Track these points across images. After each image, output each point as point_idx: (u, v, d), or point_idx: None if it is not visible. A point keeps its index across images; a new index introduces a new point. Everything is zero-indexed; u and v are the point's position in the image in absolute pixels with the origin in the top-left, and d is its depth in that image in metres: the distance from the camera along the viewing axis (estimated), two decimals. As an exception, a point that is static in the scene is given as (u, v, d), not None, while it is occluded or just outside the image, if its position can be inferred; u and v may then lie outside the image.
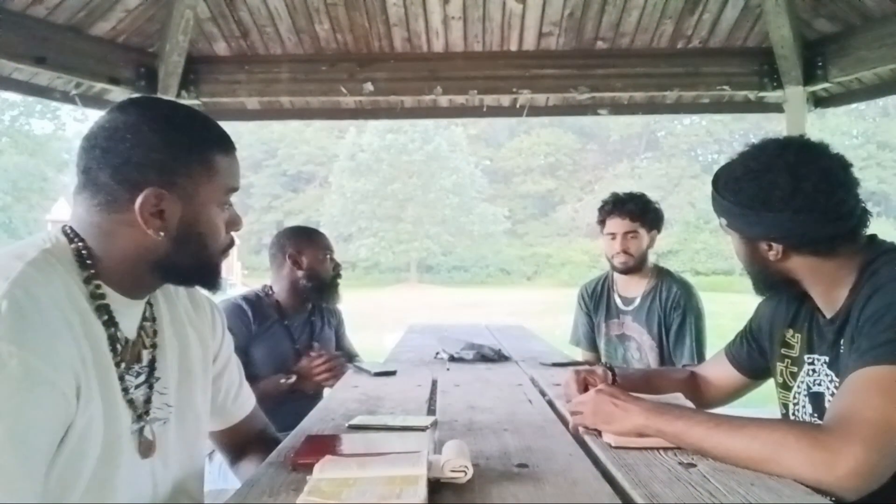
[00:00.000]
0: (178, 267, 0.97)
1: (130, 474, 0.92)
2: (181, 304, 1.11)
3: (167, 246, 0.93)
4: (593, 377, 1.42)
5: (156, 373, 0.99)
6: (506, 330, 3.34)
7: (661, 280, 2.52)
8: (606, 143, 40.33)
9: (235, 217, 1.03)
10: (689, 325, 2.41)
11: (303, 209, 36.55)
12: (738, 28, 3.65)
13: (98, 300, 0.91)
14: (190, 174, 0.93)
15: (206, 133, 0.97)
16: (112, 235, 0.92)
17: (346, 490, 0.85)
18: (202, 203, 0.95)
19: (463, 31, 3.71)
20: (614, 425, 1.13)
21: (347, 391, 1.70)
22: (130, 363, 0.95)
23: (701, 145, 38.89)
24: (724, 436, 1.00)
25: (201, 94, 3.78)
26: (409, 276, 33.83)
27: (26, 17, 3.12)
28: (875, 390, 0.96)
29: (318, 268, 2.25)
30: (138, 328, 0.99)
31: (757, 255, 1.23)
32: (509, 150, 39.68)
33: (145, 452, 0.95)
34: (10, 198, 31.25)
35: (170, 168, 0.91)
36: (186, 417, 1.06)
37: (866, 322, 1.06)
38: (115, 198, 0.91)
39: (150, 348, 1.00)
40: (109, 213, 0.91)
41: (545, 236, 36.45)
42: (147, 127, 0.91)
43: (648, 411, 1.10)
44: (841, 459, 0.90)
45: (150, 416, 0.97)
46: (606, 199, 2.56)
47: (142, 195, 0.89)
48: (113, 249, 0.92)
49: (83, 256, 0.91)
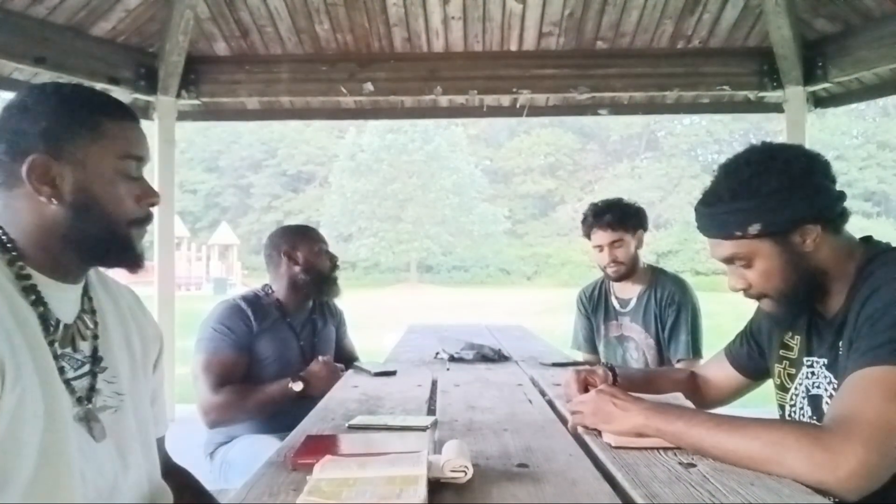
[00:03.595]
0: (86, 239, 0.97)
1: (88, 455, 0.93)
2: (124, 300, 1.12)
3: (66, 214, 0.94)
4: (594, 377, 1.42)
5: (102, 363, 1.00)
6: (506, 330, 3.34)
7: (656, 279, 2.55)
8: (606, 143, 40.35)
9: (148, 188, 1.02)
10: (683, 321, 2.42)
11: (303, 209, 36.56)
12: (738, 28, 3.66)
13: (24, 280, 0.92)
14: (75, 139, 0.94)
15: (93, 99, 0.99)
16: (16, 211, 0.94)
17: (346, 490, 0.85)
18: (94, 168, 0.96)
19: (463, 31, 3.72)
20: (614, 425, 1.13)
21: (347, 391, 1.70)
22: (64, 346, 0.96)
23: (701, 145, 38.90)
24: (724, 436, 1.00)
25: (201, 94, 3.79)
26: (409, 276, 33.84)
27: (26, 17, 3.13)
28: (875, 391, 0.96)
29: (315, 261, 2.25)
30: (76, 316, 0.99)
31: (793, 255, 1.17)
32: (509, 150, 39.69)
33: (98, 437, 0.96)
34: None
35: (55, 135, 0.93)
36: (140, 407, 1.07)
37: (865, 323, 1.06)
38: (10, 172, 0.93)
39: (91, 339, 1.00)
40: (10, 189, 0.94)
41: (545, 236, 36.47)
42: (33, 100, 0.95)
43: (648, 411, 1.10)
44: (842, 460, 0.90)
45: (97, 405, 0.97)
46: (586, 212, 2.59)
47: (27, 162, 0.91)
48: (21, 225, 0.94)
49: (3, 241, 0.93)
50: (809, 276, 1.18)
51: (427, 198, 34.23)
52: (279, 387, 2.05)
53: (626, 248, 2.50)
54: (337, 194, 34.99)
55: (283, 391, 2.04)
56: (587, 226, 2.56)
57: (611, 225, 2.49)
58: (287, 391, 2.04)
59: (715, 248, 1.24)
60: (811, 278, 1.19)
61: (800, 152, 1.23)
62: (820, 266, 1.18)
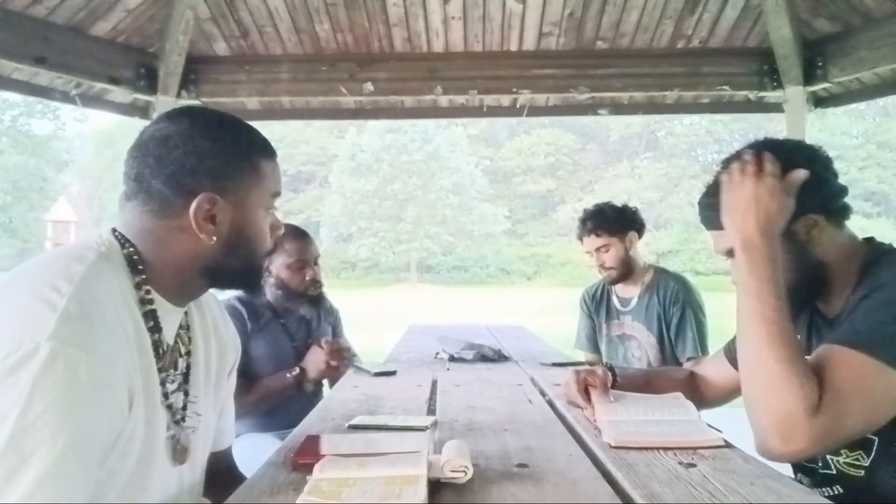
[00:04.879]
0: (227, 271, 0.98)
1: (162, 480, 0.93)
2: (210, 313, 1.11)
3: (218, 250, 0.95)
4: (593, 377, 1.42)
5: (189, 381, 1.00)
6: (506, 330, 3.35)
7: (657, 278, 2.56)
8: (606, 143, 40.33)
9: (277, 222, 1.05)
10: (689, 318, 2.44)
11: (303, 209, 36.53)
12: (738, 28, 3.65)
13: (147, 305, 0.91)
14: (240, 179, 0.95)
15: (252, 139, 0.99)
16: (164, 241, 0.93)
17: (346, 490, 0.85)
18: (251, 207, 0.97)
19: (463, 31, 3.71)
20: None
21: (347, 391, 1.70)
22: (168, 368, 0.96)
23: (701, 145, 38.88)
24: (766, 329, 1.03)
25: (201, 94, 3.78)
26: (409, 276, 33.82)
27: (26, 17, 3.12)
28: (841, 371, 0.99)
29: (284, 277, 2.15)
30: (175, 335, 0.99)
31: (795, 247, 1.17)
32: (509, 150, 39.67)
33: (179, 459, 0.96)
34: (10, 197, 31.27)
35: (221, 174, 0.93)
36: (210, 425, 1.07)
37: (860, 309, 1.07)
38: (168, 204, 0.92)
39: (185, 356, 1.01)
40: (163, 218, 0.92)
41: (545, 236, 36.46)
42: (199, 135, 0.93)
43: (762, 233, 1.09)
44: (808, 431, 0.95)
45: (185, 424, 0.97)
46: (579, 218, 2.62)
47: (196, 201, 0.91)
48: (165, 254, 0.93)
49: (135, 262, 0.91)
50: (811, 270, 1.18)
51: (427, 198, 34.22)
52: (276, 378, 2.07)
53: (613, 252, 2.51)
54: (337, 194, 34.98)
55: (281, 381, 2.06)
56: (578, 232, 2.62)
57: (594, 231, 2.51)
58: (285, 380, 2.06)
59: (717, 240, 1.24)
60: (813, 272, 1.19)
61: (802, 145, 1.25)
62: (822, 259, 1.18)
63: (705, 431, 1.18)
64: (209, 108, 1.03)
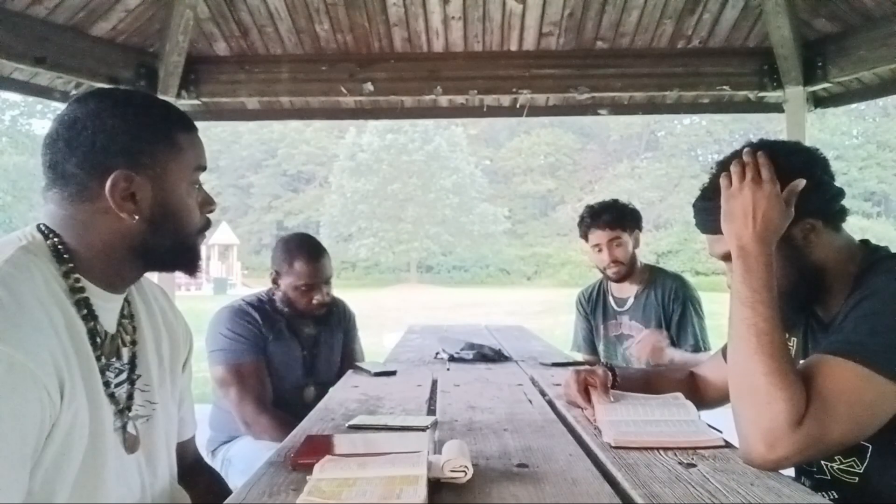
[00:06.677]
0: (156, 251, 0.97)
1: (119, 469, 0.92)
2: (157, 304, 1.11)
3: (143, 229, 0.93)
4: (593, 377, 1.42)
5: (137, 370, 0.99)
6: (506, 330, 3.35)
7: (654, 277, 2.57)
8: (606, 143, 40.35)
9: (208, 197, 1.03)
10: (690, 314, 2.46)
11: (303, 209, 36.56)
12: (738, 28, 3.65)
13: (78, 294, 0.90)
14: (156, 154, 0.94)
15: (165, 113, 0.98)
16: (87, 225, 0.92)
17: (346, 490, 0.85)
18: (172, 182, 0.96)
19: (463, 31, 3.71)
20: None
21: (347, 391, 1.70)
22: (110, 357, 0.95)
23: (701, 145, 38.90)
24: (755, 340, 1.03)
25: (201, 94, 3.78)
26: (409, 276, 33.84)
27: (26, 17, 3.12)
28: (829, 380, 0.98)
29: (292, 296, 2.16)
30: (117, 324, 0.99)
31: (792, 251, 1.16)
32: (509, 150, 39.70)
33: (131, 448, 0.95)
34: (10, 197, 31.27)
35: (135, 150, 0.92)
36: (167, 415, 1.06)
37: (852, 317, 1.06)
38: (84, 187, 0.91)
39: (129, 345, 1.00)
40: (82, 202, 0.91)
41: (545, 236, 36.49)
42: (107, 113, 0.92)
43: (759, 238, 1.09)
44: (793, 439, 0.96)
45: (132, 413, 0.96)
46: (583, 214, 2.61)
47: (110, 179, 0.90)
48: (90, 239, 0.92)
49: (60, 251, 0.91)
50: (808, 273, 1.18)
51: (427, 198, 34.24)
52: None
53: (624, 246, 2.52)
54: (337, 194, 35.01)
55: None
56: (584, 227, 2.59)
57: (608, 224, 2.51)
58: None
59: (713, 244, 1.24)
60: (810, 275, 1.18)
61: (798, 147, 1.24)
62: (819, 263, 1.17)
63: (705, 431, 1.18)
64: (120, 88, 1.03)
